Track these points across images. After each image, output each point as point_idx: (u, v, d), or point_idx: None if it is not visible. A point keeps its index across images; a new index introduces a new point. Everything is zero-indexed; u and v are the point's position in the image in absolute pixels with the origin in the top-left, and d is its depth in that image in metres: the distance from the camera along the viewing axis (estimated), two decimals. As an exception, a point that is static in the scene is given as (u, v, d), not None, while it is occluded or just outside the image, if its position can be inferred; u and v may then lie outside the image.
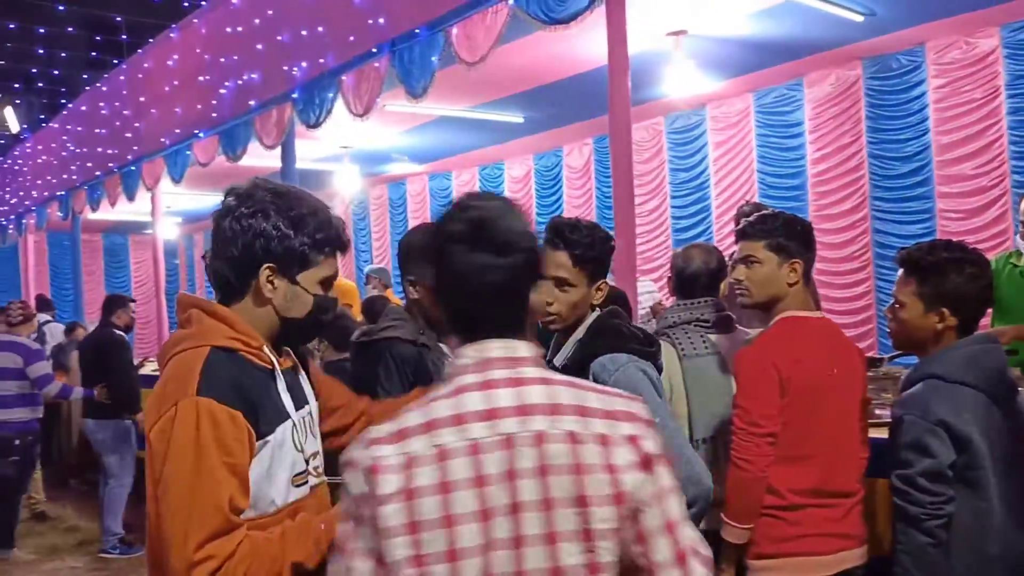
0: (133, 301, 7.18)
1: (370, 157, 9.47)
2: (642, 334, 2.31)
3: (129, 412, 6.60)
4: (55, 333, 8.96)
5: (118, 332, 6.83)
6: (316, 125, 6.45)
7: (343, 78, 6.06)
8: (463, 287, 1.25)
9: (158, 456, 1.57)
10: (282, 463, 1.67)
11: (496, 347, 1.26)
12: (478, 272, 1.24)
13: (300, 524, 1.64)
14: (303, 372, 1.86)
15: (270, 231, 1.70)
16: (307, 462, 1.73)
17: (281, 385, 1.72)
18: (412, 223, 11.38)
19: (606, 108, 4.39)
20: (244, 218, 1.71)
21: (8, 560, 6.23)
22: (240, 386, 1.62)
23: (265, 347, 1.73)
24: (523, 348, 1.28)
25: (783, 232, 2.49)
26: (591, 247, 2.26)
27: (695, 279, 2.91)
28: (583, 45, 5.51)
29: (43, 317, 9.08)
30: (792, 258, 2.48)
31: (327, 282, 1.78)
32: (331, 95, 6.23)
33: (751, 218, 2.58)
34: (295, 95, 6.54)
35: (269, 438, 1.64)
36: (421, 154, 9.75)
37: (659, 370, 2.29)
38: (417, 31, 5.29)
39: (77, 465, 8.22)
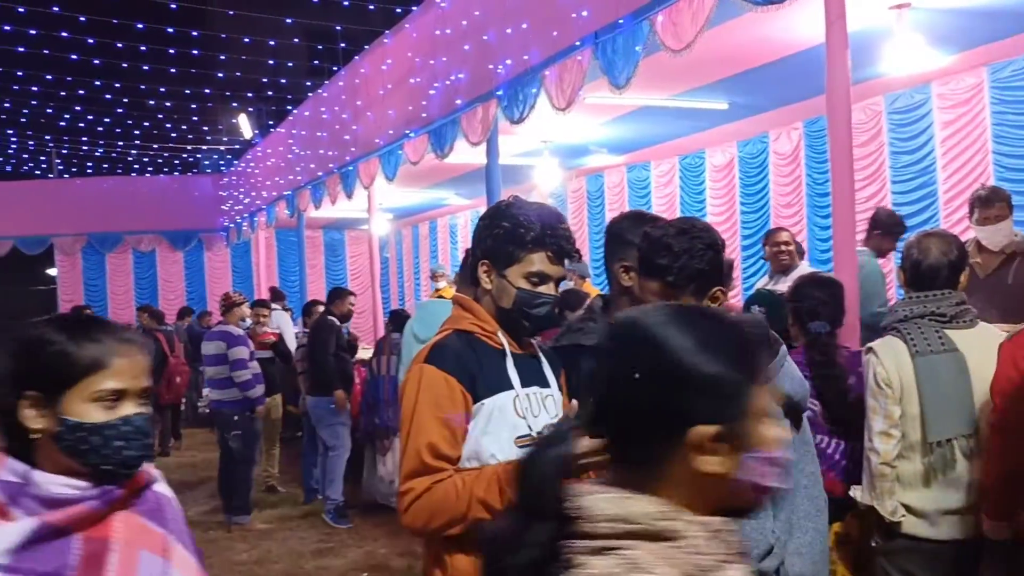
0: (352, 294, 7.75)
1: (569, 150, 9.54)
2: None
3: (339, 390, 7.14)
4: (280, 320, 9.70)
5: (331, 319, 7.38)
6: (519, 121, 6.58)
7: (546, 73, 6.13)
8: None
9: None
10: (502, 424, 1.99)
11: None
12: None
13: (488, 468, 1.95)
14: (546, 361, 2.18)
15: (485, 232, 2.08)
16: (531, 428, 2.01)
17: (510, 363, 2.06)
18: (609, 215, 11.36)
19: (819, 89, 4.15)
20: (479, 221, 2.13)
21: (246, 526, 6.87)
22: (462, 358, 2.00)
23: (499, 332, 2.08)
24: None
25: None
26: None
27: (935, 271, 2.70)
28: (796, 24, 5.24)
29: (274, 306, 9.94)
30: None
31: (533, 277, 2.03)
32: (534, 90, 6.33)
33: None
34: (499, 92, 6.70)
35: (486, 401, 1.99)
36: (620, 145, 9.70)
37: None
38: (620, 21, 5.26)
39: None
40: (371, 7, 11.06)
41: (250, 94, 15.04)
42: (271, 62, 13.70)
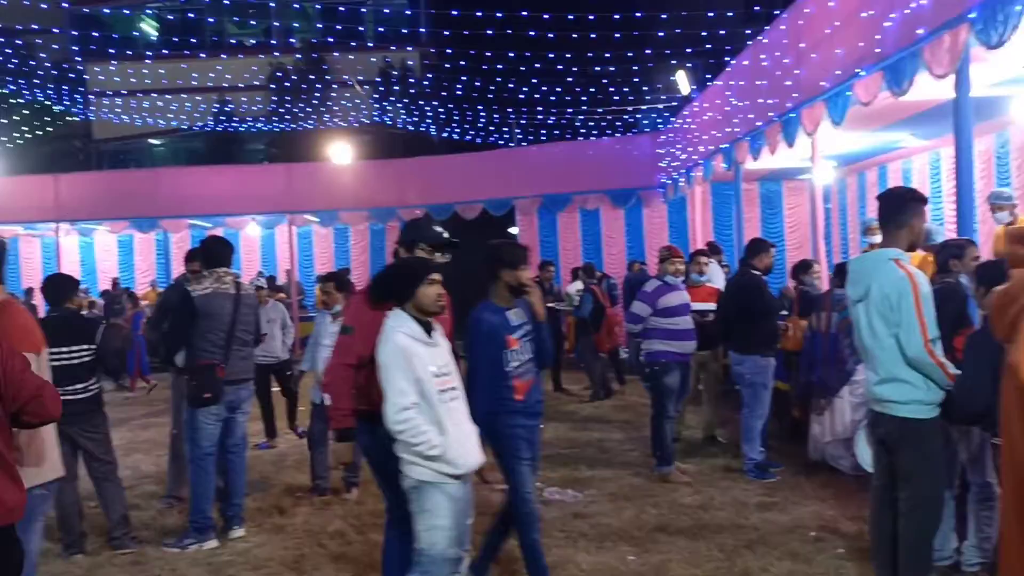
0: (773, 246, 7.53)
1: (1062, 74, 8.05)
2: None
3: (766, 349, 6.98)
4: (714, 274, 9.60)
5: (757, 274, 7.21)
6: (998, 45, 5.71)
7: (1037, -17, 5.22)
8: None
9: None
10: None
11: None
12: None
13: None
14: None
15: None
16: None
17: None
18: (1117, 149, 9.39)
19: None
20: None
21: (669, 477, 7.00)
22: None
23: None
24: None
25: None
26: None
27: None
28: None
29: (711, 260, 9.98)
30: None
31: None
32: (1018, 8, 5.43)
33: None
34: (972, 14, 5.87)
35: None
36: None
37: None
38: None
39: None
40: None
41: (689, 49, 15.18)
42: (710, 14, 13.68)
